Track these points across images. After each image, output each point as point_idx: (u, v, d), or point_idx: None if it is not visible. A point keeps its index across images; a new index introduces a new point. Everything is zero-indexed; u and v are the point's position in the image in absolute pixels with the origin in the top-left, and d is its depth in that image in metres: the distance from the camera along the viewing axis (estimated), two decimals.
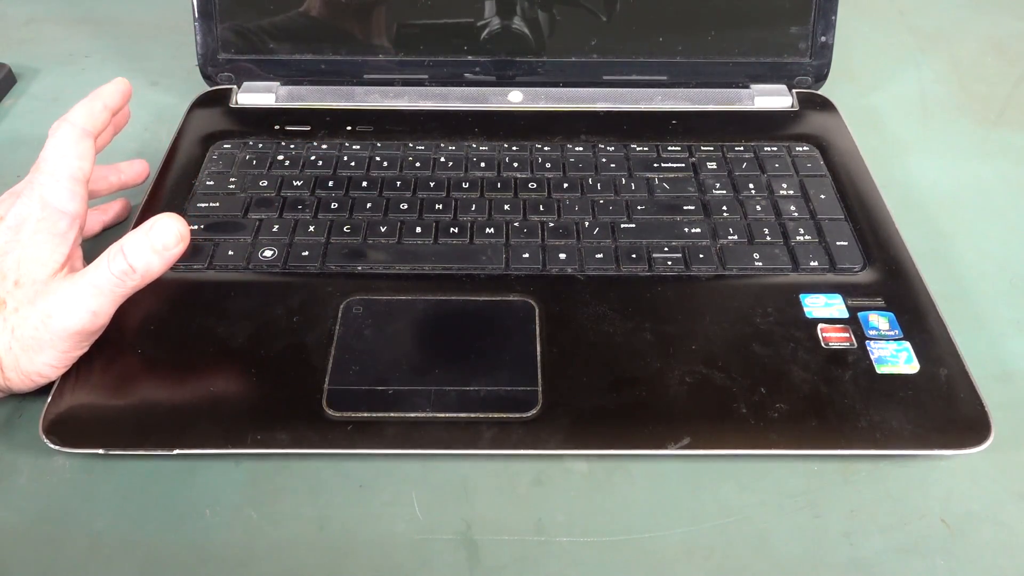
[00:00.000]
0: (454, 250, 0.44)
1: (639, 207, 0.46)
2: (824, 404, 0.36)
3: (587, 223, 0.45)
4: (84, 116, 0.39)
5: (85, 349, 0.37)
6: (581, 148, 0.50)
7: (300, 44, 0.54)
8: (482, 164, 0.49)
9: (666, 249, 0.43)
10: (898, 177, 0.51)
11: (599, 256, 0.43)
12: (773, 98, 0.54)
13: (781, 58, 0.54)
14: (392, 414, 0.36)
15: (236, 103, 0.54)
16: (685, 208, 0.46)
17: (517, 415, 0.36)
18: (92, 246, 0.44)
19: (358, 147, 0.50)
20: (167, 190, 0.47)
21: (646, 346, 0.38)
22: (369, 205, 0.46)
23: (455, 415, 0.36)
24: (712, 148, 0.50)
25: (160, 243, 0.35)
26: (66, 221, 0.37)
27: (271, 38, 0.54)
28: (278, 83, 0.54)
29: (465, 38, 0.53)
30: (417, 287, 0.42)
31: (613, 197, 0.47)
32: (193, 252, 0.43)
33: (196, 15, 0.53)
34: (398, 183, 0.47)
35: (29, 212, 0.37)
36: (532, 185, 0.47)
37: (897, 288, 0.41)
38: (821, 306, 0.40)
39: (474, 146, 0.50)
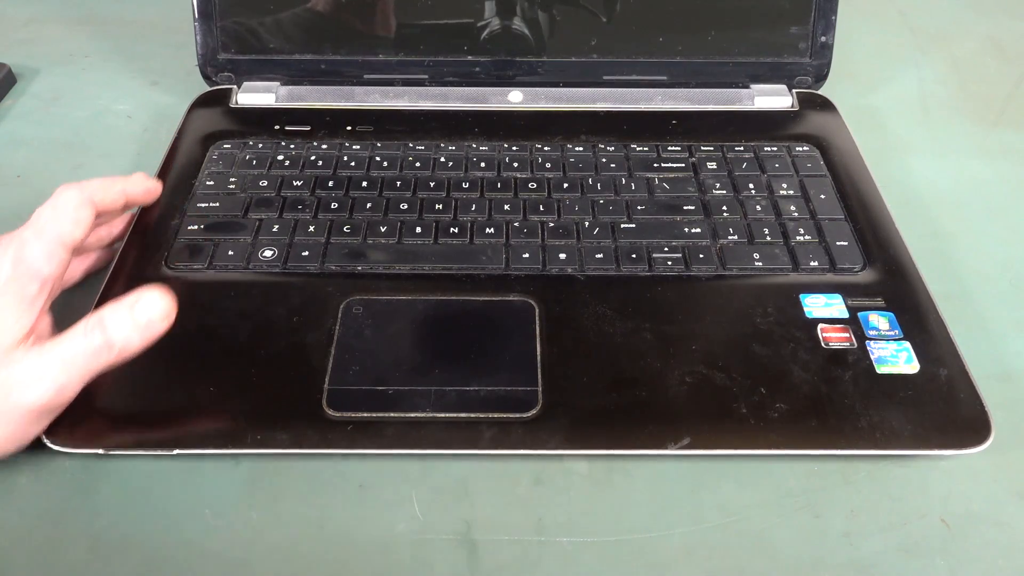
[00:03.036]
0: (454, 250, 0.44)
1: (639, 207, 0.46)
2: (824, 404, 0.36)
3: (587, 223, 0.45)
4: (96, 188, 0.38)
5: (43, 428, 0.34)
6: (581, 148, 0.50)
7: (300, 44, 0.54)
8: (482, 164, 0.49)
9: (666, 249, 0.43)
10: (898, 177, 0.51)
11: (599, 256, 0.43)
12: (773, 98, 0.54)
13: (781, 58, 0.54)
14: (392, 414, 0.36)
15: (236, 103, 0.54)
16: (685, 208, 0.46)
17: (517, 415, 0.36)
18: (67, 299, 0.40)
19: (358, 147, 0.50)
20: (167, 190, 0.47)
21: (646, 346, 0.38)
22: (369, 205, 0.46)
23: (455, 415, 0.36)
24: (712, 148, 0.50)
25: (144, 318, 0.33)
26: (36, 285, 0.34)
27: (271, 38, 0.54)
28: (278, 83, 0.54)
29: (465, 38, 0.53)
30: (417, 287, 0.42)
31: (613, 197, 0.47)
32: (193, 252, 0.43)
33: (196, 15, 0.53)
34: (398, 183, 0.47)
35: None
36: (532, 185, 0.47)
37: (897, 288, 0.41)
38: (821, 306, 0.40)
39: (474, 146, 0.50)
